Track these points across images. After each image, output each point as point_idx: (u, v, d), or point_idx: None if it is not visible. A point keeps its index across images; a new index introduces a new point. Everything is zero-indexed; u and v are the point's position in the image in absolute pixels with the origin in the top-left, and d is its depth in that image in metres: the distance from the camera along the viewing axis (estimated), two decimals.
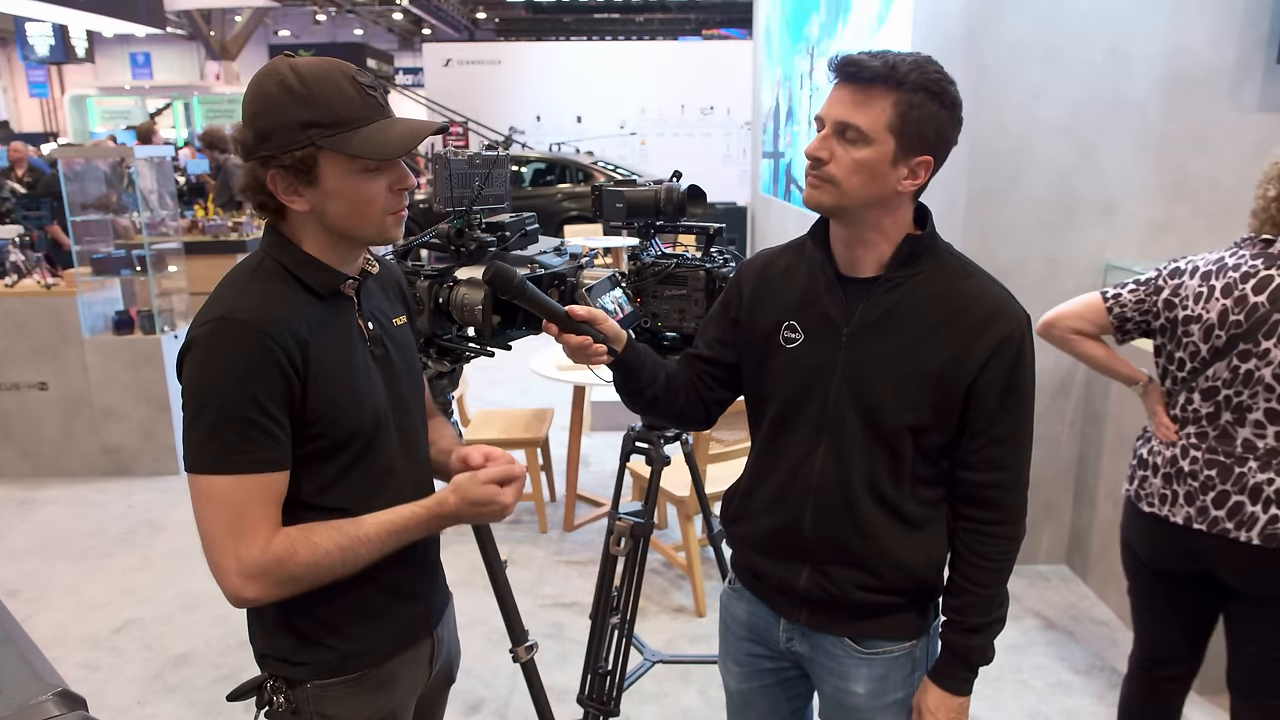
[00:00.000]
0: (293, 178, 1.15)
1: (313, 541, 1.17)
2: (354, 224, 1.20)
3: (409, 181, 1.22)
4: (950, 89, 1.23)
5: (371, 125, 1.16)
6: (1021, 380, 1.29)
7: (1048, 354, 3.37)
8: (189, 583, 3.52)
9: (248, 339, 1.12)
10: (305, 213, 1.19)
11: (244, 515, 1.13)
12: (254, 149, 1.15)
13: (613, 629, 2.19)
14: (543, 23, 25.35)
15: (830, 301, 1.34)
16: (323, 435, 1.20)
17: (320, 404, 1.18)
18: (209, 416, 1.12)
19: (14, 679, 0.68)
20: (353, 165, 1.15)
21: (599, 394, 4.82)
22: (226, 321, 1.13)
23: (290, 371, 1.14)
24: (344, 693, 1.29)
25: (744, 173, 10.94)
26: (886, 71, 1.20)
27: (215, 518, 1.13)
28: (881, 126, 1.21)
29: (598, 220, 2.28)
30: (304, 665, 1.27)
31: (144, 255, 4.53)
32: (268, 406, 1.13)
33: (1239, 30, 3.20)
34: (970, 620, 1.36)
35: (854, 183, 1.24)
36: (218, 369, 1.13)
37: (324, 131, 1.13)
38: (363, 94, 1.16)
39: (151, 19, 10.90)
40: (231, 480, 1.13)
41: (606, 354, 1.40)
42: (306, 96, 1.13)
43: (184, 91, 19.33)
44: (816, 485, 1.36)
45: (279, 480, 1.16)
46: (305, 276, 1.21)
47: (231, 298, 1.16)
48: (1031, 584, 3.46)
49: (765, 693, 1.55)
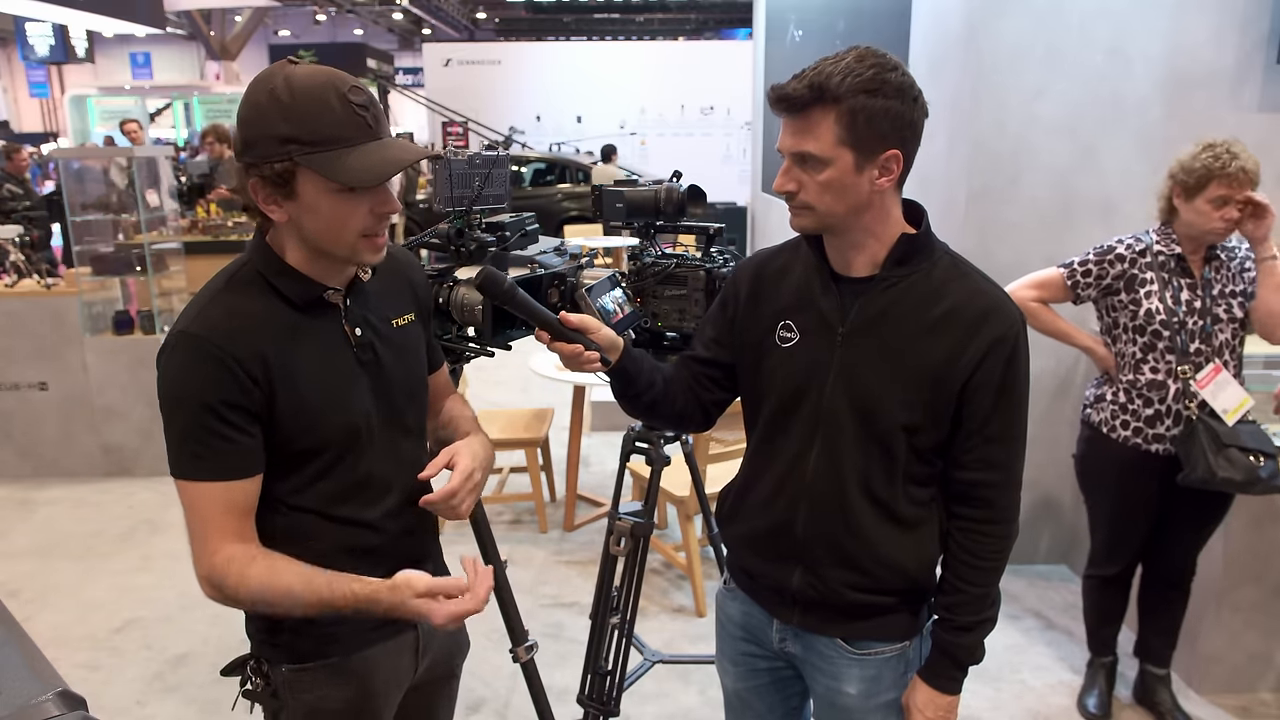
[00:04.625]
0: (271, 188, 1.16)
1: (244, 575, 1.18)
2: (328, 241, 1.20)
3: (391, 206, 1.21)
4: (890, 77, 1.20)
5: (355, 148, 1.14)
6: (1015, 380, 1.30)
7: (1048, 355, 3.38)
8: (189, 583, 3.49)
9: (202, 351, 1.16)
10: (284, 223, 1.20)
11: (206, 521, 1.19)
12: (240, 154, 1.17)
13: (613, 629, 2.19)
14: (543, 23, 25.35)
15: (825, 301, 1.34)
16: (293, 440, 1.22)
17: (289, 411, 1.20)
18: (175, 426, 1.18)
19: (14, 679, 0.68)
20: (329, 185, 1.15)
21: (599, 394, 4.82)
22: (185, 336, 1.17)
23: (249, 382, 1.17)
24: (314, 679, 1.31)
25: (744, 173, 10.93)
26: (816, 93, 1.20)
27: (189, 519, 1.21)
28: (831, 145, 1.22)
29: (598, 220, 2.28)
30: (280, 648, 1.31)
31: (144, 255, 4.54)
32: (229, 417, 1.17)
33: (1239, 30, 3.20)
34: (961, 619, 1.36)
35: (826, 202, 1.26)
36: (178, 381, 1.17)
37: (303, 148, 1.12)
38: (351, 113, 1.14)
39: (151, 19, 10.91)
40: (197, 486, 1.19)
41: (600, 362, 1.39)
42: (291, 110, 1.12)
43: (184, 91, 19.30)
44: (810, 484, 1.36)
45: (241, 488, 1.20)
46: (282, 287, 1.22)
47: (196, 310, 1.20)
48: (1031, 584, 3.46)
49: (761, 692, 1.55)
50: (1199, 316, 2.30)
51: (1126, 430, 2.39)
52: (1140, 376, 2.36)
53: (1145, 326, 2.33)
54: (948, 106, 3.40)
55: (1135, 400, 2.37)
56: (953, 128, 3.40)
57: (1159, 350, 2.32)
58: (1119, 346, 2.42)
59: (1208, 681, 2.78)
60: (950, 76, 3.42)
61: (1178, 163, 2.30)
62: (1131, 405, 2.38)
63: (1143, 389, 2.35)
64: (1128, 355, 2.39)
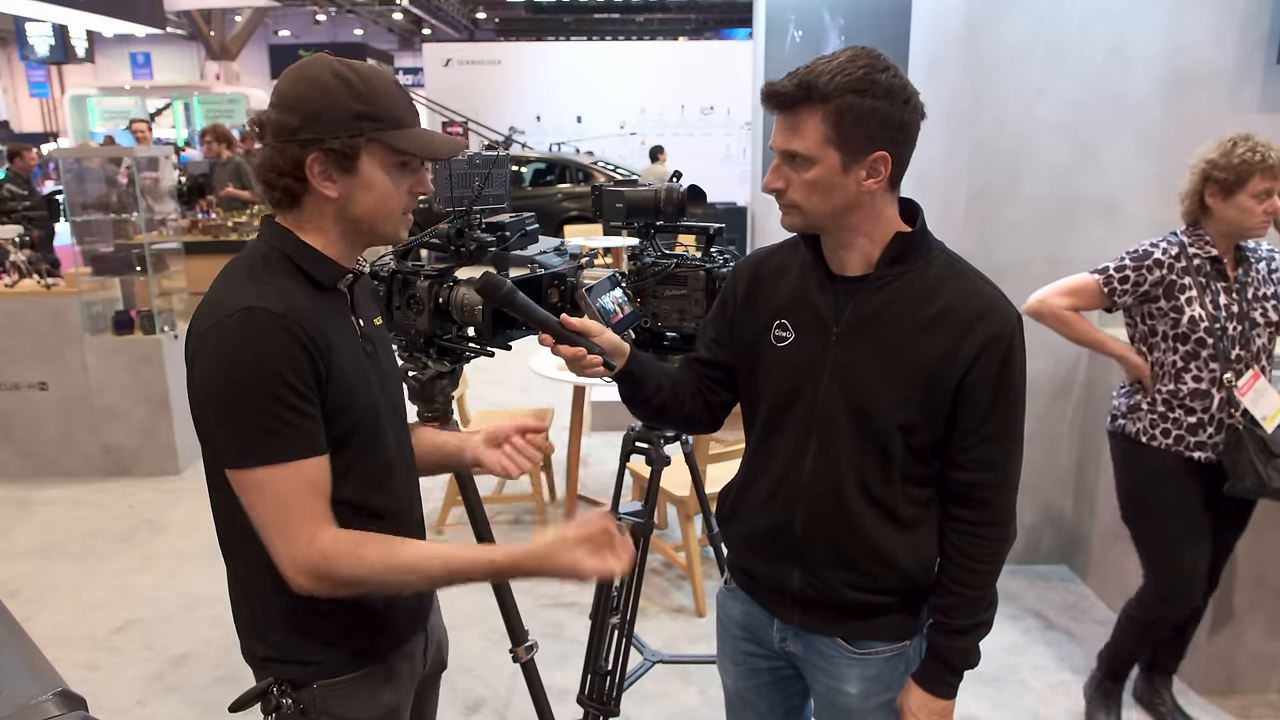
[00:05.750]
0: (333, 163, 1.18)
1: (358, 554, 1.16)
2: (377, 218, 1.24)
3: (426, 187, 1.27)
4: (881, 78, 1.20)
5: (414, 129, 1.23)
6: (1011, 380, 1.29)
7: (1047, 355, 3.38)
8: (189, 583, 3.52)
9: (279, 325, 1.14)
10: (330, 201, 1.21)
11: (293, 506, 1.14)
12: (296, 130, 1.16)
13: (613, 629, 2.20)
14: (543, 23, 25.36)
15: (820, 300, 1.34)
16: (333, 424, 1.21)
17: (336, 394, 1.20)
18: (244, 406, 1.13)
19: (14, 679, 0.68)
20: (392, 161, 1.20)
21: (599, 394, 4.82)
22: (255, 311, 1.14)
23: (318, 357, 1.17)
24: (349, 690, 1.30)
25: (744, 173, 10.93)
26: (805, 92, 1.20)
27: (268, 509, 1.15)
28: (818, 144, 1.22)
29: (598, 220, 2.28)
30: (312, 665, 1.27)
31: (144, 255, 4.54)
32: (304, 390, 1.15)
33: (1239, 30, 3.20)
34: (956, 622, 1.35)
35: (813, 202, 1.26)
36: (253, 356, 1.13)
37: (376, 125, 1.18)
38: (408, 100, 1.24)
39: (151, 19, 10.90)
40: (278, 470, 1.13)
41: (603, 366, 1.39)
42: (364, 91, 1.18)
43: (184, 91, 19.31)
44: (807, 484, 1.36)
45: (322, 465, 1.18)
46: (311, 269, 1.23)
47: (251, 289, 1.16)
48: (1031, 584, 3.46)
49: (761, 692, 1.55)
50: (1238, 321, 2.21)
51: (1167, 438, 2.28)
52: (1181, 386, 2.24)
53: (1189, 334, 2.22)
54: (948, 107, 3.41)
55: (1175, 409, 2.26)
56: (953, 128, 3.40)
57: (1202, 358, 2.22)
58: (1156, 355, 2.30)
59: (1208, 682, 2.78)
60: (950, 76, 3.42)
61: (1206, 161, 2.19)
62: (1172, 414, 2.27)
63: (1184, 398, 2.24)
64: (1167, 364, 2.27)
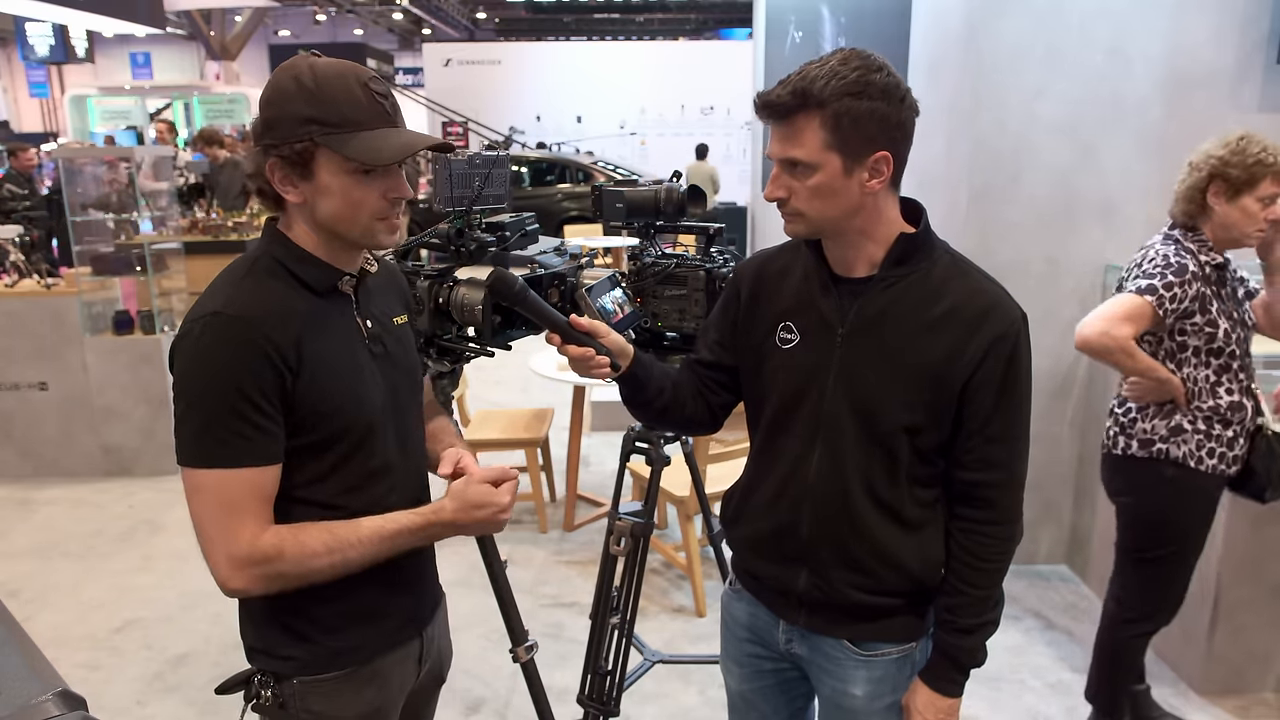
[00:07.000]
0: (289, 169, 1.18)
1: (300, 541, 1.18)
2: (342, 224, 1.22)
3: (402, 191, 1.23)
4: (875, 79, 1.20)
5: (373, 131, 1.18)
6: (1016, 379, 1.29)
7: (1047, 354, 3.38)
8: (189, 583, 3.52)
9: (240, 334, 1.14)
10: (298, 205, 1.21)
11: (232, 508, 1.15)
12: (260, 136, 1.18)
13: (613, 629, 2.19)
14: (543, 23, 25.36)
15: (825, 302, 1.34)
16: (313, 430, 1.21)
17: (313, 400, 1.20)
18: (201, 410, 1.15)
19: (14, 679, 0.68)
20: (347, 166, 1.18)
21: (599, 394, 4.83)
22: (220, 317, 1.15)
23: (282, 366, 1.16)
24: (331, 689, 1.30)
25: (744, 173, 10.94)
26: (800, 99, 1.20)
27: (204, 509, 1.16)
28: (818, 150, 1.21)
29: (598, 220, 2.28)
30: (292, 660, 1.29)
31: (144, 255, 4.54)
32: (259, 402, 1.15)
33: (1239, 30, 3.20)
34: (963, 621, 1.35)
35: (816, 208, 1.26)
36: (210, 364, 1.15)
37: (323, 129, 1.16)
38: (371, 99, 1.19)
39: (151, 19, 10.89)
40: (221, 474, 1.15)
41: (609, 367, 1.40)
42: (314, 93, 1.16)
43: (184, 91, 19.29)
44: (813, 486, 1.36)
45: (269, 474, 1.18)
46: (302, 273, 1.23)
47: (225, 293, 1.18)
48: (1031, 584, 3.46)
49: (766, 693, 1.55)
50: (1243, 328, 2.19)
51: (1213, 459, 2.18)
52: (1219, 401, 2.16)
53: (1223, 348, 2.14)
54: (948, 106, 3.41)
55: (1216, 425, 2.18)
56: (953, 128, 3.40)
57: (1233, 370, 2.17)
58: (1187, 371, 2.18)
59: (1208, 682, 2.78)
60: (950, 76, 3.42)
61: (1215, 159, 2.10)
62: (1214, 431, 2.18)
63: (1225, 413, 2.17)
64: (1200, 380, 2.17)
